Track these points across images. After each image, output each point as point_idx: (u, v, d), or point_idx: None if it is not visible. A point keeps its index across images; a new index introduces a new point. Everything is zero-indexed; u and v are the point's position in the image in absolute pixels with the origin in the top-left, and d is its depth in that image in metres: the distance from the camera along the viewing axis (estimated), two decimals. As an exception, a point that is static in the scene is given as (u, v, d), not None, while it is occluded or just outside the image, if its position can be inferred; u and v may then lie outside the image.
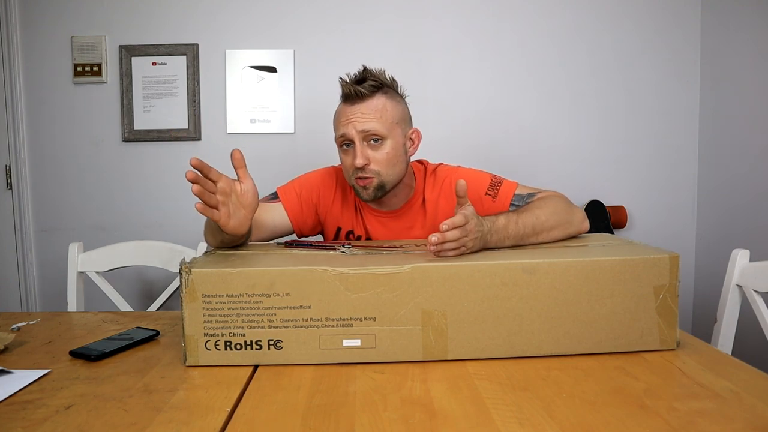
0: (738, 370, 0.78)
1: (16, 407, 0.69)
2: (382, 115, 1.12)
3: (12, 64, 2.04)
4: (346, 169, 1.17)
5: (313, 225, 1.26)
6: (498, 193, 1.17)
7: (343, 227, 1.25)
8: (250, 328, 0.81)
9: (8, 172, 2.08)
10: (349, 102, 1.13)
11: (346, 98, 1.14)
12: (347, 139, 1.13)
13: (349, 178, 1.17)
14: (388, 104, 1.14)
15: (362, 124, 1.11)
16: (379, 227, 1.23)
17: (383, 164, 1.13)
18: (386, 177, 1.14)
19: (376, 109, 1.12)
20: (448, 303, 0.81)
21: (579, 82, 2.11)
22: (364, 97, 1.12)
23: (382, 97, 1.14)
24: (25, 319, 1.09)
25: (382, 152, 1.13)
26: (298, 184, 1.25)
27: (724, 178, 1.99)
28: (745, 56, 1.87)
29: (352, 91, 1.11)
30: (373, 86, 1.13)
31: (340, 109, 1.16)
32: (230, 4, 2.07)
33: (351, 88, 1.11)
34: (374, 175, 1.12)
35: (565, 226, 1.04)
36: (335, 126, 1.17)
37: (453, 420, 0.65)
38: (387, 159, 1.13)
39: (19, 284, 2.11)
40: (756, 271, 1.11)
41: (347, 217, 1.25)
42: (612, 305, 0.83)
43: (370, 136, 1.12)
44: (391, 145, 1.13)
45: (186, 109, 2.08)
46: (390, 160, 1.13)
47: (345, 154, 1.16)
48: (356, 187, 1.16)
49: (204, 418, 0.66)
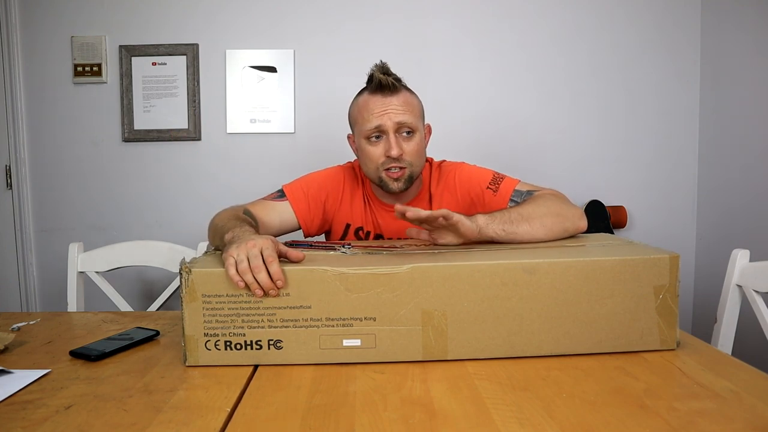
0: (738, 370, 0.78)
1: (16, 407, 0.69)
2: (412, 109, 1.15)
3: (12, 64, 2.04)
4: (373, 160, 1.15)
5: (320, 224, 1.25)
6: (499, 188, 1.18)
7: (353, 224, 1.24)
8: (250, 328, 0.81)
9: (8, 172, 2.08)
10: (380, 93, 1.13)
11: (379, 89, 1.13)
12: (381, 130, 1.13)
13: (376, 170, 1.16)
14: (413, 98, 1.18)
15: (398, 116, 1.12)
16: (390, 221, 1.23)
17: (414, 155, 1.15)
18: (416, 168, 1.17)
19: (406, 101, 1.15)
20: (448, 303, 0.81)
21: (579, 82, 2.11)
22: (397, 89, 1.14)
23: (406, 92, 1.17)
24: (25, 319, 1.09)
25: (413, 144, 1.15)
26: (305, 182, 1.24)
27: (724, 178, 1.99)
28: (745, 56, 1.87)
29: (389, 82, 1.13)
30: (398, 80, 1.16)
31: (368, 101, 1.15)
32: (230, 4, 2.07)
33: (387, 80, 1.12)
34: (407, 165, 1.15)
35: (557, 216, 1.03)
36: (363, 117, 1.15)
37: (453, 420, 0.65)
38: (417, 150, 1.16)
39: (19, 284, 2.11)
40: (756, 271, 1.11)
41: (357, 214, 1.24)
42: (612, 305, 0.83)
43: (405, 128, 1.14)
44: (420, 137, 1.17)
45: (186, 109, 2.08)
46: (419, 152, 1.17)
47: (373, 145, 1.15)
48: (385, 179, 1.15)
49: (204, 418, 0.66)
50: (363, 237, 1.25)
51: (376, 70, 1.14)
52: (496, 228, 0.96)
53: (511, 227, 0.97)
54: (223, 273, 0.80)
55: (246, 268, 0.78)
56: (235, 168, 2.11)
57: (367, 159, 1.17)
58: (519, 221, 0.98)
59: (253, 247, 0.80)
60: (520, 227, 0.98)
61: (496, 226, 0.96)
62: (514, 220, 0.98)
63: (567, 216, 1.04)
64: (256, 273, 0.77)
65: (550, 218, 1.01)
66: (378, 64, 1.16)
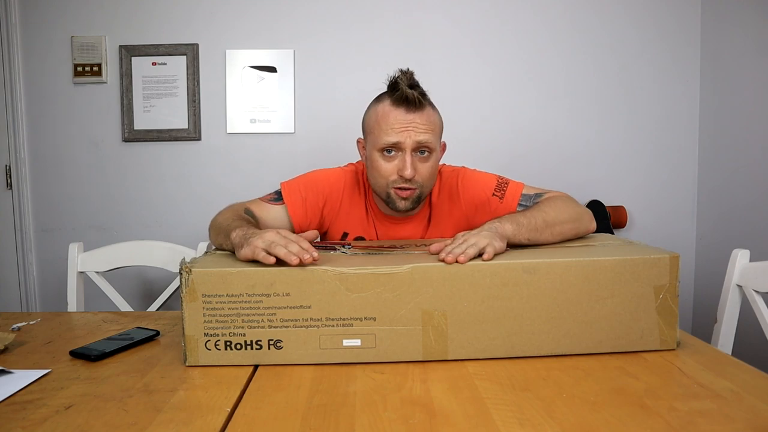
0: (738, 370, 0.78)
1: (16, 407, 0.69)
2: (434, 128, 1.09)
3: (12, 64, 2.04)
4: (384, 176, 1.09)
5: (316, 228, 1.21)
6: (505, 194, 1.15)
7: (351, 232, 1.21)
8: (250, 328, 0.81)
9: (8, 172, 2.08)
10: (404, 107, 1.06)
11: (403, 102, 1.05)
12: (399, 148, 1.07)
13: (385, 186, 1.11)
14: (435, 116, 1.11)
15: (419, 135, 1.06)
16: (392, 232, 1.20)
17: (426, 177, 1.10)
18: (425, 189, 1.12)
19: (429, 120, 1.08)
20: (448, 303, 0.81)
21: (579, 82, 2.11)
22: (422, 106, 1.07)
23: (430, 108, 1.10)
24: (25, 319, 1.09)
25: (428, 165, 1.10)
26: (303, 185, 1.19)
27: (724, 178, 1.99)
28: (745, 56, 1.87)
29: (416, 98, 1.05)
30: (424, 95, 1.08)
31: (389, 113, 1.07)
32: (230, 4, 2.07)
33: (414, 95, 1.04)
34: (417, 186, 1.09)
35: (574, 222, 1.03)
36: (381, 129, 1.07)
37: (453, 420, 0.65)
38: (431, 172, 1.11)
39: (19, 284, 2.11)
40: (756, 271, 1.10)
41: (355, 222, 1.21)
42: (612, 305, 0.83)
43: (422, 147, 1.08)
44: (435, 159, 1.12)
45: (186, 109, 2.08)
46: (433, 174, 1.12)
47: (387, 160, 1.09)
48: (393, 196, 1.10)
49: (204, 418, 0.66)
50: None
51: (403, 81, 1.05)
52: (522, 238, 0.94)
53: (536, 235, 0.96)
54: (223, 273, 0.80)
55: (276, 244, 0.82)
56: (235, 168, 2.11)
57: (377, 173, 1.11)
58: (543, 229, 0.97)
59: (276, 234, 0.85)
60: (544, 234, 0.97)
61: (523, 236, 0.94)
62: (539, 228, 0.96)
63: (582, 221, 1.05)
64: (287, 245, 0.82)
65: (569, 224, 1.01)
66: (404, 71, 1.07)
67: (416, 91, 1.06)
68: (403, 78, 1.06)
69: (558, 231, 0.99)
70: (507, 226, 0.93)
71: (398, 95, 1.06)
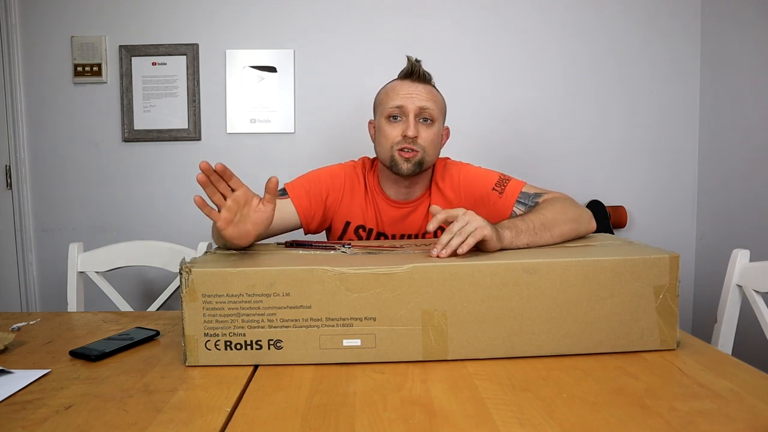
0: (738, 370, 0.78)
1: (16, 407, 0.69)
2: (436, 101, 1.21)
3: (12, 64, 2.04)
4: (389, 139, 1.18)
5: (320, 221, 1.25)
6: (505, 190, 1.19)
7: (353, 222, 1.25)
8: (250, 328, 0.81)
9: (8, 172, 2.08)
10: (409, 79, 1.20)
11: (410, 75, 1.20)
12: (402, 111, 1.17)
13: (390, 149, 1.18)
14: (438, 95, 1.23)
15: (422, 101, 1.17)
16: (394, 217, 1.24)
17: (429, 143, 1.18)
18: (428, 156, 1.19)
19: (432, 92, 1.21)
20: (448, 303, 0.81)
21: (579, 81, 2.11)
22: (426, 80, 1.21)
23: (434, 88, 1.23)
24: (25, 319, 1.09)
25: (431, 132, 1.19)
26: (306, 180, 1.25)
27: (724, 177, 1.99)
28: (745, 56, 1.87)
29: (420, 71, 1.19)
30: (430, 75, 1.22)
31: (396, 85, 1.20)
32: (230, 4, 2.07)
33: (420, 68, 1.19)
34: (420, 149, 1.17)
35: (574, 223, 1.04)
36: (388, 98, 1.19)
37: (453, 420, 0.65)
38: (432, 139, 1.19)
39: (19, 284, 2.11)
40: (756, 271, 1.11)
41: (357, 211, 1.25)
42: (612, 305, 0.83)
43: (425, 114, 1.18)
44: (437, 129, 1.21)
45: (186, 109, 2.08)
46: (434, 141, 1.20)
47: (392, 125, 1.19)
48: (397, 158, 1.17)
49: (204, 418, 0.66)
50: (363, 235, 1.26)
51: (412, 58, 1.20)
52: (520, 243, 0.95)
53: (535, 238, 0.97)
54: (223, 273, 0.80)
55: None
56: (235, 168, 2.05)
57: (383, 138, 1.20)
58: (542, 231, 0.98)
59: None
60: (543, 237, 0.98)
61: (521, 241, 0.95)
62: (538, 231, 0.97)
63: (581, 222, 1.07)
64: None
65: (568, 225, 1.03)
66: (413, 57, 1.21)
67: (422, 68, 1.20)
68: (411, 59, 1.21)
69: (558, 232, 1.00)
70: (505, 233, 0.93)
71: (405, 70, 1.20)
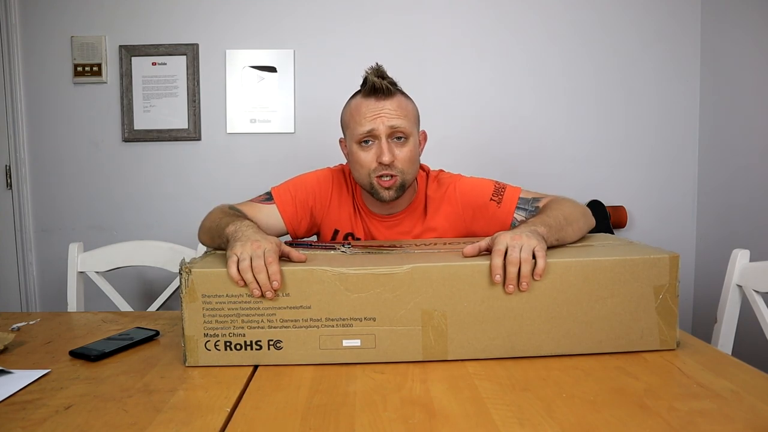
0: (738, 370, 0.78)
1: (16, 407, 0.69)
2: (406, 114, 1.11)
3: (12, 64, 2.04)
4: (365, 166, 1.10)
5: (308, 227, 1.22)
6: (503, 198, 1.15)
7: (341, 229, 1.21)
8: (250, 328, 0.81)
9: (8, 172, 2.08)
10: (374, 97, 1.09)
11: (372, 92, 1.09)
12: (373, 135, 1.09)
13: (367, 177, 1.11)
14: (408, 103, 1.13)
15: (391, 120, 1.08)
16: (382, 230, 1.20)
17: (407, 163, 1.10)
18: (408, 176, 1.12)
19: (401, 107, 1.10)
20: (448, 303, 0.81)
21: (579, 81, 2.11)
22: (391, 93, 1.09)
23: (401, 96, 1.13)
24: (25, 319, 1.09)
25: (406, 150, 1.10)
26: (292, 185, 1.21)
27: (724, 177, 1.99)
28: (745, 56, 1.87)
29: (383, 86, 1.08)
30: (393, 84, 1.11)
31: (361, 104, 1.10)
32: (230, 4, 2.07)
33: (382, 83, 1.07)
34: (398, 173, 1.10)
35: (585, 218, 1.04)
36: (355, 121, 1.10)
37: (453, 420, 0.65)
38: (410, 158, 1.11)
39: (19, 284, 2.11)
40: (756, 271, 1.10)
41: (345, 219, 1.21)
42: (612, 305, 0.83)
43: (397, 133, 1.09)
44: (413, 144, 1.12)
45: (186, 109, 2.08)
46: (412, 159, 1.12)
47: (365, 150, 1.10)
48: (376, 186, 1.11)
49: (204, 418, 0.66)
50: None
51: (371, 73, 1.09)
52: (552, 239, 0.90)
53: (562, 234, 0.94)
54: (223, 273, 0.80)
55: (247, 266, 0.79)
56: (235, 168, 2.11)
57: (358, 165, 1.12)
58: (566, 226, 0.96)
59: (258, 248, 0.82)
60: (567, 232, 0.96)
61: (553, 236, 0.91)
62: (563, 227, 0.95)
63: (588, 217, 1.07)
64: (256, 273, 0.79)
65: (582, 221, 1.02)
66: (373, 67, 1.10)
67: (385, 80, 1.08)
68: (371, 71, 1.10)
69: (576, 228, 0.99)
70: (541, 228, 0.88)
71: (368, 87, 1.09)
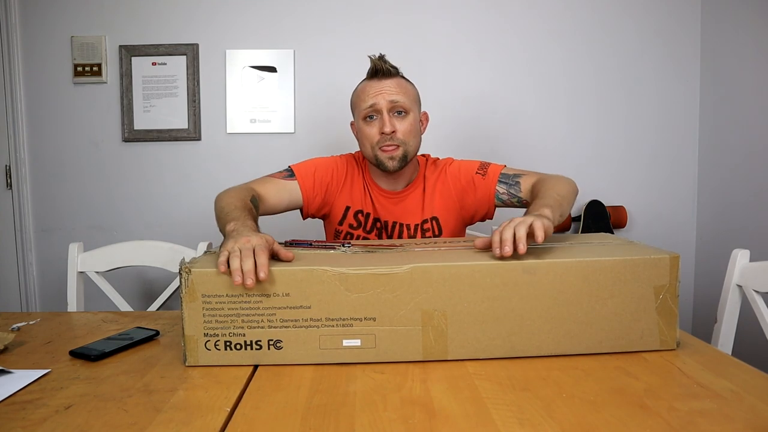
0: (738, 370, 0.78)
1: (16, 407, 0.69)
2: (405, 91, 1.24)
3: (12, 64, 2.04)
4: (370, 140, 1.23)
5: (320, 204, 1.30)
6: (487, 171, 1.28)
7: (353, 206, 1.31)
8: (250, 328, 0.81)
9: (8, 172, 2.08)
10: (376, 78, 1.23)
11: (375, 74, 1.24)
12: (375, 109, 1.21)
13: (372, 149, 1.23)
14: (408, 84, 1.27)
15: (391, 95, 1.21)
16: (387, 206, 1.30)
17: (408, 135, 1.23)
18: (410, 147, 1.24)
19: (400, 85, 1.24)
20: (448, 303, 0.81)
21: (579, 81, 2.11)
22: (392, 74, 1.24)
23: (402, 79, 1.27)
24: (25, 319, 1.09)
25: (406, 123, 1.23)
26: (312, 164, 1.31)
27: (724, 178, 1.99)
28: (745, 56, 1.87)
29: (384, 68, 1.23)
30: (395, 68, 1.25)
31: (366, 85, 1.25)
32: (230, 4, 2.07)
33: (383, 65, 1.23)
34: (400, 143, 1.22)
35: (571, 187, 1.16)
36: (361, 99, 1.24)
37: (453, 420, 0.65)
38: (410, 130, 1.23)
39: (19, 284, 2.11)
40: (756, 271, 1.10)
41: (357, 197, 1.31)
42: (612, 305, 0.82)
43: (397, 107, 1.22)
44: (413, 119, 1.25)
45: (186, 109, 2.08)
46: (412, 131, 1.24)
47: (369, 125, 1.23)
48: (381, 157, 1.22)
49: (204, 418, 0.66)
50: (362, 219, 1.30)
51: (374, 58, 1.23)
52: (556, 216, 1.00)
53: (561, 210, 1.04)
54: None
55: (235, 255, 0.81)
56: (235, 168, 2.11)
57: (364, 138, 1.25)
58: (562, 203, 1.06)
59: (247, 242, 0.84)
60: (564, 208, 1.06)
61: (556, 214, 1.00)
62: (560, 203, 1.05)
63: (573, 185, 1.18)
64: (242, 261, 0.79)
65: (572, 194, 1.15)
66: (377, 54, 1.24)
67: (386, 64, 1.23)
68: (374, 57, 1.24)
69: (571, 199, 1.12)
70: (545, 210, 0.97)
71: (371, 70, 1.24)
